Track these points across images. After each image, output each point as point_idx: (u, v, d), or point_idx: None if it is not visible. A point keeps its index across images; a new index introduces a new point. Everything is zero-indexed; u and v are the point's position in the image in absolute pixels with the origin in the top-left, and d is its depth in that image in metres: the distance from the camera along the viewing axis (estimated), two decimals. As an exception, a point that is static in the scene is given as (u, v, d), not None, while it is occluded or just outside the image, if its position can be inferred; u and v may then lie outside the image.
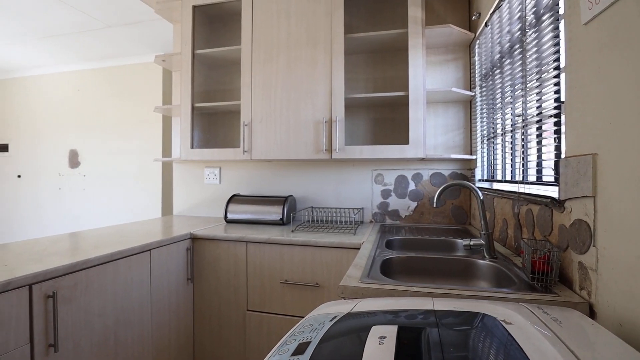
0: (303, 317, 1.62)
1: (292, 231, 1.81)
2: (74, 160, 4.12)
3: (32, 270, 1.06)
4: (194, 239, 1.80)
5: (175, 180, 2.53)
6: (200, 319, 1.81)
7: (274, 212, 2.00)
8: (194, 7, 2.19)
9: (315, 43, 1.92)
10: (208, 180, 2.43)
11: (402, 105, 2.09)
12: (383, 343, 0.56)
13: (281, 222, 1.99)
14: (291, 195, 2.12)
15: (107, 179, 3.95)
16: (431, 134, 2.08)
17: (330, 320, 0.71)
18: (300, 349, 0.59)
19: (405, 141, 2.06)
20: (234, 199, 2.13)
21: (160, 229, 1.88)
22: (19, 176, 4.44)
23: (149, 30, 3.26)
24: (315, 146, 1.90)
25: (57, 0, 2.71)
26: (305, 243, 1.62)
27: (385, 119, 2.13)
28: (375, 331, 0.62)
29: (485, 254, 1.24)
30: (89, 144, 4.06)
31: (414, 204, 2.10)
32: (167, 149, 3.80)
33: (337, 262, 1.60)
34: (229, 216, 2.08)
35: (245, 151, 2.00)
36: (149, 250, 1.51)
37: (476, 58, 1.94)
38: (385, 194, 2.14)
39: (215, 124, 2.46)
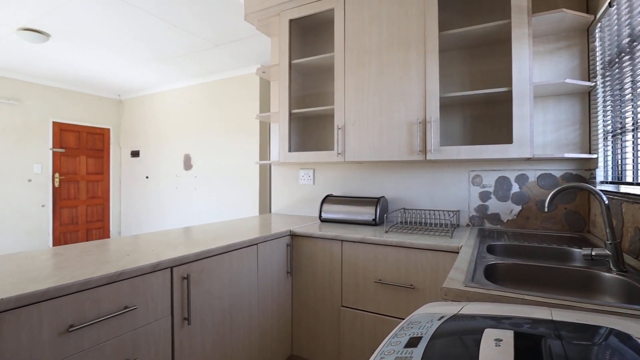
0: (397, 318, 1.64)
1: (386, 232, 1.83)
2: (187, 163, 4.75)
3: (171, 255, 1.29)
4: (293, 235, 1.95)
5: (274, 181, 2.75)
6: (298, 309, 1.95)
7: (367, 213, 2.04)
8: (291, 20, 2.36)
9: (407, 45, 1.91)
10: (303, 181, 2.59)
11: (503, 101, 1.95)
12: (500, 345, 0.56)
13: (374, 223, 2.03)
14: (383, 197, 2.15)
15: (213, 180, 4.46)
16: (539, 132, 1.90)
17: (439, 320, 0.72)
18: (412, 342, 0.62)
19: (508, 140, 1.91)
20: (327, 199, 2.23)
21: (263, 225, 2.08)
22: (147, 177, 5.28)
23: (248, 45, 3.60)
24: (409, 147, 1.89)
25: (176, 28, 3.17)
26: (400, 244, 1.63)
27: (483, 116, 2.01)
28: (490, 333, 0.61)
29: (612, 266, 1.10)
30: (199, 149, 4.64)
31: (517, 208, 1.94)
32: (263, 152, 4.14)
33: (432, 265, 1.57)
34: (323, 215, 2.19)
35: (339, 153, 2.09)
36: (257, 244, 1.68)
37: (597, 44, 1.71)
38: (484, 196, 2.02)
39: (309, 128, 2.61)
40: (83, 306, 1.00)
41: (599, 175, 1.69)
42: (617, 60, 1.47)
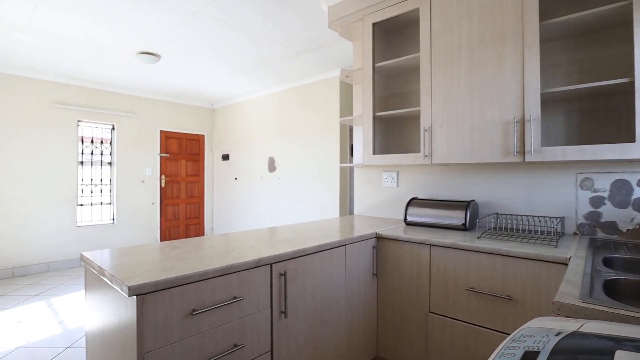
0: (492, 330, 1.54)
1: (478, 238, 1.74)
2: (271, 166, 5.06)
3: (270, 253, 1.40)
4: (379, 238, 1.96)
5: (356, 183, 2.79)
6: (384, 311, 1.95)
7: (456, 217, 1.96)
8: (374, 24, 2.38)
9: (502, 39, 1.79)
10: (386, 183, 2.59)
11: (619, 93, 1.71)
12: (639, 371, 0.51)
13: (463, 228, 1.94)
14: (473, 200, 2.04)
15: (295, 181, 4.68)
16: (670, 127, 1.62)
17: (555, 335, 0.68)
18: (528, 357, 0.59)
19: (628, 138, 1.67)
20: (413, 202, 2.20)
21: (348, 227, 2.13)
22: (236, 179, 5.75)
23: (329, 51, 3.70)
24: (504, 149, 1.77)
25: (264, 40, 3.40)
26: (495, 251, 1.54)
27: (591, 111, 1.79)
28: (622, 356, 0.56)
29: None
30: (282, 152, 4.91)
31: (640, 216, 1.68)
32: (344, 155, 4.21)
33: (534, 276, 1.45)
34: (409, 218, 2.16)
35: (425, 156, 2.04)
36: (345, 245, 1.74)
37: None
38: (596, 201, 1.79)
39: (392, 130, 2.59)
40: (202, 294, 1.15)
41: None
42: None
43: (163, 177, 5.63)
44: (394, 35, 2.62)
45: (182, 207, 5.88)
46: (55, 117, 4.58)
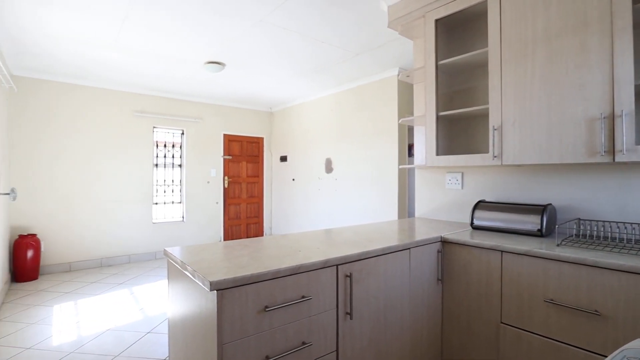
0: (577, 347, 1.41)
1: (558, 245, 1.60)
2: (328, 167, 5.12)
3: (337, 254, 1.42)
4: (444, 242, 1.89)
5: (417, 185, 2.72)
6: (449, 318, 1.88)
7: (530, 222, 1.83)
8: (436, 20, 2.30)
9: (585, 26, 1.63)
10: (449, 185, 2.49)
11: None
12: None
13: (539, 234, 1.80)
14: (550, 204, 1.88)
15: (353, 183, 4.68)
16: None
17: (669, 360, 0.60)
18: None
19: None
20: (480, 205, 2.09)
21: (410, 230, 2.08)
22: (293, 179, 5.91)
23: (387, 51, 3.64)
24: (588, 148, 1.61)
25: (322, 44, 3.45)
26: (580, 261, 1.40)
27: None
28: None
29: None
30: (339, 153, 4.94)
31: None
32: (402, 156, 4.13)
33: (629, 290, 1.30)
34: (476, 222, 2.06)
35: (495, 156, 1.93)
36: (409, 248, 1.70)
37: None
38: None
39: (456, 130, 2.49)
40: (274, 291, 1.21)
41: None
42: None
43: (226, 178, 5.97)
44: (457, 31, 2.51)
45: (243, 207, 6.18)
46: (135, 125, 5.08)
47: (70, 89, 4.59)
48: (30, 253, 4.08)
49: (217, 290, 1.07)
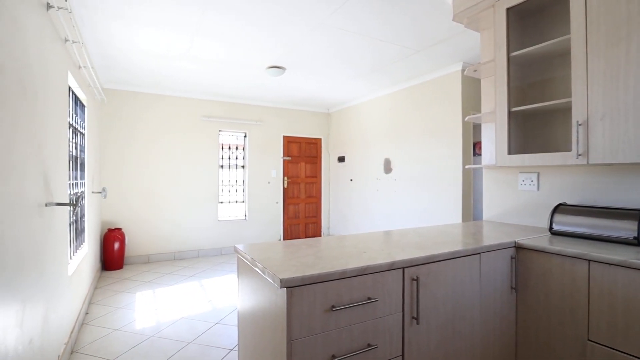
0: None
1: (661, 256, 1.40)
2: (387, 167, 5.03)
3: (403, 257, 1.39)
4: (518, 247, 1.76)
5: (485, 186, 2.56)
6: (524, 331, 1.74)
7: (624, 228, 1.62)
8: (508, 9, 2.14)
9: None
10: (523, 186, 2.30)
11: None
12: None
13: (635, 242, 1.59)
14: (649, 208, 1.65)
15: (413, 183, 4.55)
16: None
17: None
18: None
19: None
20: (561, 208, 1.90)
21: (478, 233, 1.96)
22: (351, 180, 5.90)
23: (448, 46, 3.48)
24: (702, 143, 1.38)
25: (381, 42, 3.40)
26: (691, 275, 1.21)
27: None
28: None
29: None
30: (398, 153, 4.83)
31: None
32: (467, 156, 3.92)
33: None
34: (556, 227, 1.88)
35: (579, 154, 1.74)
36: (479, 253, 1.61)
37: None
38: None
39: (530, 127, 2.29)
40: (340, 291, 1.21)
41: None
42: None
43: (285, 178, 6.15)
44: (531, 19, 2.31)
45: (301, 207, 6.33)
46: (203, 129, 5.45)
47: (148, 97, 5.07)
48: (116, 245, 4.58)
49: (287, 288, 1.10)
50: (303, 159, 6.36)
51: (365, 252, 1.48)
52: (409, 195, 4.61)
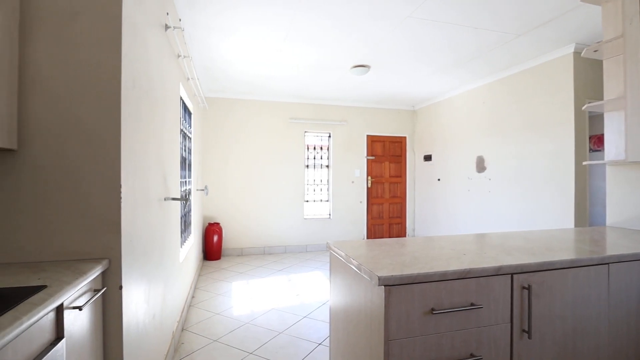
0: None
1: None
2: (480, 165, 4.64)
3: (510, 262, 1.25)
4: (661, 259, 1.46)
5: (609, 186, 2.19)
6: (670, 362, 1.43)
7: None
8: (643, -26, 1.79)
9: None
10: (664, 186, 1.91)
11: None
12: None
13: None
14: None
15: (511, 183, 4.11)
16: None
17: None
18: None
19: None
20: None
21: (600, 241, 1.68)
22: (439, 179, 5.60)
23: (557, 26, 3.06)
24: None
25: (475, 29, 3.14)
26: None
27: None
28: None
29: None
30: (493, 150, 4.43)
31: None
32: (581, 151, 3.40)
33: None
34: None
35: None
36: (607, 263, 1.37)
37: None
38: None
39: (675, 113, 1.89)
40: (440, 294, 1.14)
41: None
42: None
43: (369, 178, 6.11)
44: (678, -18, 1.90)
45: (385, 207, 6.21)
46: (290, 130, 5.72)
47: (243, 103, 5.50)
48: (215, 238, 5.06)
49: (384, 286, 1.08)
50: (387, 158, 6.23)
51: (465, 254, 1.37)
52: (505, 196, 4.19)
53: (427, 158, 5.92)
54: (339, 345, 1.54)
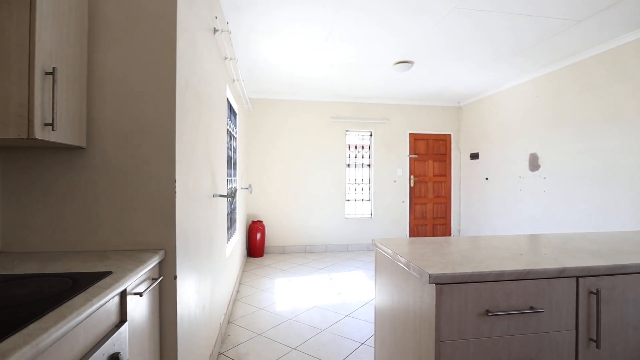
0: None
1: None
2: (534, 164, 4.35)
3: (575, 264, 1.16)
4: None
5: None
6: None
7: None
8: None
9: None
10: None
11: None
12: None
13: None
14: None
15: (572, 181, 3.81)
16: None
17: None
18: None
19: None
20: None
21: (687, 244, 1.50)
22: (487, 179, 5.33)
23: (627, 7, 2.78)
24: None
25: (529, 17, 2.94)
26: None
27: None
28: None
29: None
30: (548, 147, 4.13)
31: None
32: (653, 145, 3.07)
33: None
34: None
35: None
36: (692, 268, 1.22)
37: None
38: None
39: None
40: (496, 296, 1.08)
41: None
42: None
43: (412, 177, 5.95)
44: None
45: (429, 207, 6.02)
46: (331, 129, 5.73)
47: (285, 104, 5.60)
48: (258, 235, 5.20)
49: (435, 284, 1.04)
50: (431, 157, 6.04)
51: (522, 254, 1.28)
52: (563, 195, 3.88)
53: (474, 156, 5.65)
54: (384, 345, 1.51)
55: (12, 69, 0.97)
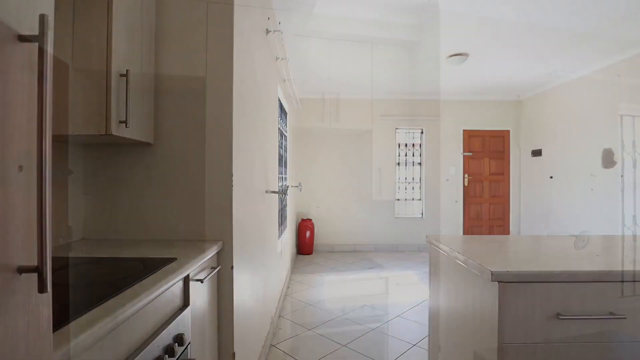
0: None
1: None
2: (608, 160, 3.93)
3: (665, 266, 1.02)
4: None
5: None
6: None
7: None
8: None
9: None
10: None
11: None
12: None
13: None
14: None
15: (653, 180, 3.39)
16: None
17: None
18: None
19: None
20: None
21: None
22: (551, 177, 4.92)
23: None
24: None
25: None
26: None
27: None
28: None
29: None
30: (626, 142, 3.71)
31: None
32: None
33: None
34: None
35: None
36: None
37: None
38: None
39: None
40: (569, 298, 0.99)
41: None
42: None
43: (466, 176, 5.67)
44: None
45: (485, 207, 5.70)
46: (380, 127, 5.64)
47: (330, 102, 5.62)
48: (307, 233, 5.27)
49: (498, 282, 0.98)
50: (487, 154, 5.70)
51: (598, 255, 1.16)
52: (645, 196, 3.46)
53: (536, 153, 5.24)
54: (439, 347, 1.45)
55: (93, 72, 1.07)
